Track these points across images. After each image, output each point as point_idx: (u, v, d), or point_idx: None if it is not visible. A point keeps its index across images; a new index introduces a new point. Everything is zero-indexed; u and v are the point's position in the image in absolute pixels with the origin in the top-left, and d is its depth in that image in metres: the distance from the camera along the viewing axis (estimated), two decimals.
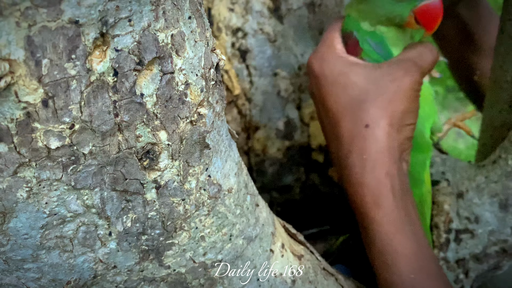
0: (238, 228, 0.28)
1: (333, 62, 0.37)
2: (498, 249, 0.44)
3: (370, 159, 0.33)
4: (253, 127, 0.52)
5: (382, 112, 0.34)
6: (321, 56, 0.38)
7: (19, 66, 0.17)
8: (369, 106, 0.34)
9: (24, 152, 0.19)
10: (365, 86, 0.35)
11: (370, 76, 0.36)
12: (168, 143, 0.22)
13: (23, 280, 0.26)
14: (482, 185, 0.44)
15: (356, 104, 0.35)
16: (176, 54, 0.21)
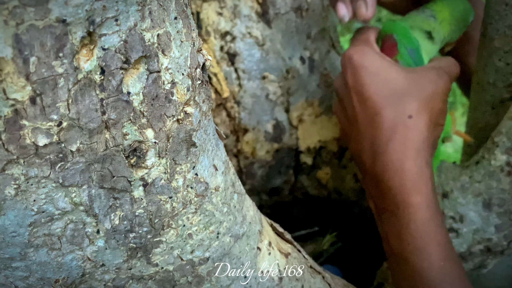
0: (226, 226, 0.28)
1: (373, 56, 0.40)
2: (483, 248, 0.45)
3: (412, 147, 0.36)
4: (242, 129, 0.52)
5: (424, 107, 0.37)
6: (361, 50, 0.40)
7: (7, 63, 0.17)
8: (412, 100, 0.37)
9: (12, 149, 0.19)
10: (405, 82, 0.39)
11: (408, 75, 0.39)
12: (155, 141, 0.23)
13: (11, 279, 0.26)
14: (466, 185, 0.44)
15: (398, 96, 0.38)
16: (162, 54, 0.21)
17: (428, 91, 0.38)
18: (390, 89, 0.38)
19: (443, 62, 0.42)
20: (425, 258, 0.34)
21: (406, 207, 0.35)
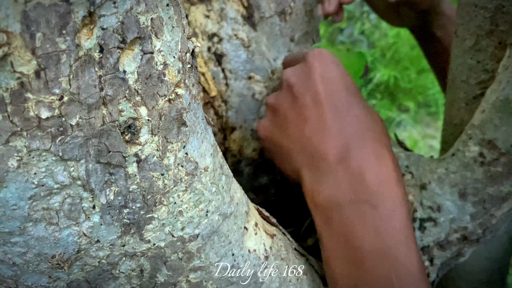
0: (214, 204, 0.30)
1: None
2: (459, 236, 0.47)
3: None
4: (229, 128, 0.54)
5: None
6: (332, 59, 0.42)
7: (15, 38, 0.19)
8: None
9: (17, 121, 0.21)
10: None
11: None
12: (148, 118, 0.24)
13: (10, 255, 0.27)
14: (442, 176, 0.47)
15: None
16: (155, 36, 0.23)
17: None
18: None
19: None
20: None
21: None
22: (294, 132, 0.38)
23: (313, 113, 0.37)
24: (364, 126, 0.37)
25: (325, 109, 0.37)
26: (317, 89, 0.38)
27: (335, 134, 0.36)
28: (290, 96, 0.39)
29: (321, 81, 0.38)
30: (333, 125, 0.36)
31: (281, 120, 0.40)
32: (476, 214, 0.46)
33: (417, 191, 0.47)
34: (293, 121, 0.38)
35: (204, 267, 0.30)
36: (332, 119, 0.36)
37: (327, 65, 0.39)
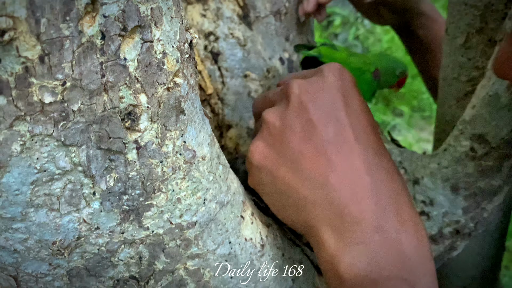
0: (211, 193, 0.31)
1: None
2: (452, 230, 0.48)
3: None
4: (225, 125, 0.55)
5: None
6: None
7: (21, 23, 0.20)
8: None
9: (21, 106, 0.22)
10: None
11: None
12: (147, 105, 0.25)
13: (11, 242, 0.28)
14: (435, 171, 0.48)
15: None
16: (155, 26, 0.24)
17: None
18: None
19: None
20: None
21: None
22: (313, 174, 0.30)
23: (341, 156, 0.30)
24: (397, 186, 0.31)
25: (356, 154, 0.30)
26: (343, 121, 0.31)
27: (371, 192, 0.29)
28: (302, 120, 0.31)
29: (347, 113, 0.31)
30: (368, 180, 0.29)
31: (289, 151, 0.31)
32: (468, 207, 0.47)
33: (410, 186, 0.48)
34: (310, 158, 0.30)
35: (202, 255, 0.31)
36: (366, 171, 0.30)
37: (351, 89, 0.32)
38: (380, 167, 0.31)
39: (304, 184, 0.30)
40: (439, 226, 0.47)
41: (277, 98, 0.34)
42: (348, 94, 0.32)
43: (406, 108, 2.40)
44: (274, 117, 0.32)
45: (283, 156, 0.31)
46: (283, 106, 0.32)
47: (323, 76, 0.32)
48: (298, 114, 0.31)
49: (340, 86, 0.32)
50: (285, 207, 0.32)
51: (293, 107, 0.31)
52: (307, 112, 0.31)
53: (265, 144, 0.32)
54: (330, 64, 0.33)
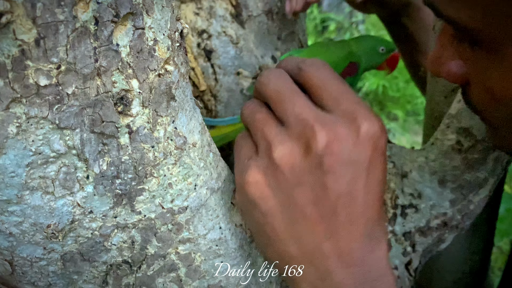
0: (202, 179, 0.32)
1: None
2: (440, 222, 0.49)
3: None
4: None
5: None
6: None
7: (18, 6, 0.21)
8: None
9: (17, 88, 0.23)
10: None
11: None
12: (139, 91, 0.26)
13: (7, 225, 0.28)
14: (422, 164, 0.49)
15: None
16: (146, 14, 0.25)
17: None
18: None
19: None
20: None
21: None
22: (308, 237, 0.29)
23: (342, 230, 0.29)
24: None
25: (356, 231, 0.29)
26: (357, 199, 0.29)
27: (357, 262, 0.29)
28: (317, 180, 0.28)
29: (365, 191, 0.29)
30: (358, 255, 0.29)
31: (291, 204, 0.29)
32: (455, 200, 0.48)
33: (399, 179, 0.49)
34: (310, 221, 0.29)
35: (193, 239, 0.32)
36: (360, 247, 0.29)
37: (380, 156, 0.29)
38: (373, 242, 0.30)
39: (295, 242, 0.29)
40: (427, 218, 0.48)
41: (291, 132, 0.29)
42: (374, 164, 0.29)
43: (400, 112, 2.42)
44: (286, 161, 0.29)
45: (282, 206, 0.29)
46: (298, 150, 0.29)
47: (357, 136, 0.28)
48: (314, 172, 0.28)
49: (370, 158, 0.29)
50: (266, 246, 0.31)
51: (312, 163, 0.28)
52: (324, 176, 0.28)
53: (267, 182, 0.29)
54: (371, 118, 0.29)
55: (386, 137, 0.29)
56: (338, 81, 0.30)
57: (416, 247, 0.50)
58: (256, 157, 0.30)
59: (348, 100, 0.29)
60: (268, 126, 0.30)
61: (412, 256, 0.50)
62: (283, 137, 0.29)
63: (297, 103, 0.29)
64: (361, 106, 0.29)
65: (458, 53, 0.31)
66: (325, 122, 0.28)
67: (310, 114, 0.29)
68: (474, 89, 0.31)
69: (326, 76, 0.30)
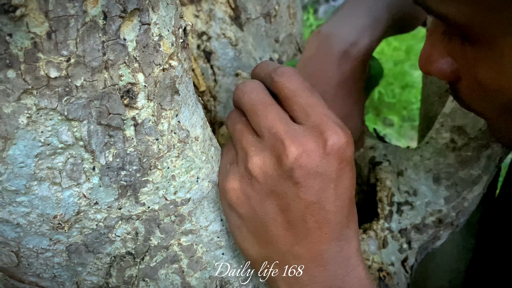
0: (204, 172, 0.32)
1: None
2: (435, 219, 0.50)
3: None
4: (218, 122, 0.57)
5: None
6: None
7: (31, 1, 0.22)
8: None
9: (28, 79, 0.24)
10: None
11: None
12: (144, 84, 0.27)
13: (14, 215, 0.29)
14: (418, 163, 0.50)
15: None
16: (152, 10, 0.26)
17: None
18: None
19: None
20: None
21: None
22: (279, 241, 0.32)
23: (311, 236, 0.31)
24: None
25: (324, 238, 0.31)
26: (325, 208, 0.31)
27: (326, 262, 0.32)
28: (287, 190, 0.31)
29: (334, 199, 0.31)
30: (327, 256, 0.32)
31: (263, 211, 0.31)
32: (449, 197, 0.49)
33: (394, 177, 0.50)
34: (280, 227, 0.31)
35: (195, 231, 0.33)
36: (327, 248, 0.32)
37: (347, 165, 0.31)
38: (342, 243, 0.32)
39: (268, 244, 0.32)
40: (423, 215, 0.49)
41: (265, 144, 0.31)
42: (341, 174, 0.31)
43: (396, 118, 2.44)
44: (260, 172, 0.31)
45: (255, 212, 0.32)
46: (271, 161, 0.31)
47: (325, 149, 0.30)
48: (285, 183, 0.30)
49: (337, 169, 0.31)
50: (242, 245, 0.33)
51: (283, 174, 0.30)
52: (294, 187, 0.30)
53: (242, 189, 0.32)
54: (337, 131, 0.30)
55: (352, 148, 0.31)
56: (308, 92, 0.32)
57: (412, 244, 0.51)
58: (235, 165, 0.33)
59: (316, 112, 0.31)
60: (245, 137, 0.32)
61: (408, 253, 0.51)
62: (257, 149, 0.31)
63: (269, 115, 0.31)
64: (328, 118, 0.31)
65: (447, 51, 0.32)
66: (295, 136, 0.30)
67: (281, 128, 0.31)
68: (464, 84, 0.32)
69: (297, 87, 0.32)
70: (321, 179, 0.30)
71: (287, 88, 0.32)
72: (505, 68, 0.28)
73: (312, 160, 0.30)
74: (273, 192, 0.31)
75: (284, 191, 0.30)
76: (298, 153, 0.30)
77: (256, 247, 0.32)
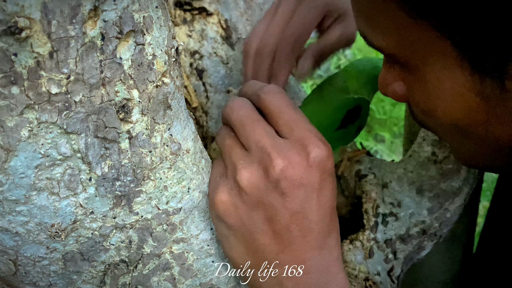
0: (195, 183, 0.34)
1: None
2: (419, 230, 0.52)
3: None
4: (209, 137, 0.59)
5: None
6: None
7: (36, 23, 0.24)
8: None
9: (31, 95, 0.26)
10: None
11: None
12: (139, 100, 0.29)
13: (14, 224, 0.31)
14: (402, 175, 0.52)
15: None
16: (146, 31, 0.28)
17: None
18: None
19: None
20: None
21: None
22: (264, 250, 0.34)
23: (296, 244, 0.33)
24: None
25: (308, 246, 0.33)
26: (309, 218, 0.33)
27: (310, 270, 0.34)
28: (274, 201, 0.32)
29: (317, 209, 0.33)
30: (311, 263, 0.34)
31: (251, 221, 0.33)
32: (432, 208, 0.51)
33: (379, 189, 0.52)
34: (267, 236, 0.33)
35: (186, 239, 0.34)
36: (311, 256, 0.34)
37: (328, 177, 0.34)
38: (324, 251, 0.34)
39: (255, 252, 0.34)
40: (407, 226, 0.51)
41: (252, 158, 0.33)
42: (323, 184, 0.33)
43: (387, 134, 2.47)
44: (248, 184, 0.33)
45: (243, 222, 0.33)
46: (258, 174, 0.33)
47: (308, 162, 0.32)
48: (271, 194, 0.32)
49: (319, 180, 0.33)
50: (230, 253, 0.35)
51: (270, 185, 0.32)
52: (280, 197, 0.32)
53: (231, 201, 0.33)
54: (319, 144, 0.33)
55: (332, 160, 0.34)
56: (292, 109, 0.34)
57: (398, 254, 0.52)
58: (224, 177, 0.34)
59: (300, 128, 0.33)
60: (234, 152, 0.34)
61: (394, 263, 0.52)
62: (246, 162, 0.33)
63: (257, 130, 0.33)
64: (311, 133, 0.33)
65: (399, 75, 0.35)
66: (280, 149, 0.32)
67: (267, 142, 0.33)
68: (411, 106, 0.36)
69: (282, 104, 0.34)
70: (305, 189, 0.32)
71: (273, 104, 0.35)
72: (430, 92, 0.31)
73: (297, 172, 0.32)
74: (260, 202, 0.33)
75: (270, 202, 0.32)
76: (284, 165, 0.32)
77: (244, 256, 0.34)
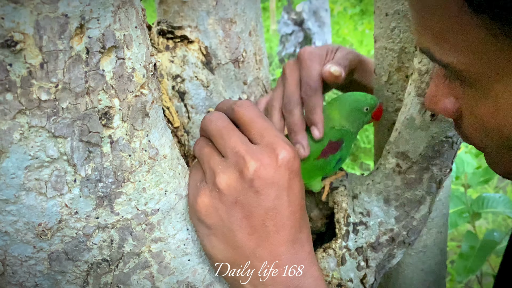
0: (172, 186, 0.37)
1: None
2: (388, 238, 0.55)
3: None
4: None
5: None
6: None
7: (29, 38, 0.27)
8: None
9: (23, 101, 0.29)
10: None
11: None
12: (119, 108, 0.33)
13: (3, 224, 0.33)
14: (370, 186, 0.56)
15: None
16: (126, 48, 0.32)
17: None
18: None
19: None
20: None
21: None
22: (244, 245, 0.37)
23: (271, 238, 0.37)
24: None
25: (282, 239, 0.37)
26: (281, 212, 0.37)
27: (286, 262, 0.38)
28: (249, 199, 0.36)
29: (288, 203, 0.37)
30: (285, 257, 0.38)
31: (230, 220, 0.37)
32: (399, 216, 0.54)
33: (350, 200, 0.56)
34: (245, 232, 0.37)
35: (164, 238, 0.37)
36: (286, 250, 0.38)
37: (295, 175, 0.38)
38: (297, 245, 0.38)
39: (234, 249, 0.37)
40: (376, 234, 0.54)
41: (229, 162, 0.37)
42: (292, 182, 0.37)
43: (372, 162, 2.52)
44: (226, 186, 0.36)
45: (223, 221, 0.37)
46: (235, 176, 0.37)
47: (277, 162, 0.37)
48: (247, 193, 0.36)
49: (288, 178, 0.37)
50: (210, 252, 0.38)
51: (245, 185, 0.36)
52: (255, 195, 0.36)
53: (211, 203, 0.37)
54: (286, 147, 0.37)
55: (298, 161, 0.38)
56: (262, 119, 0.39)
57: (369, 262, 0.55)
58: (204, 182, 0.38)
59: (269, 134, 0.38)
60: (212, 159, 0.38)
61: (366, 271, 0.55)
62: (223, 167, 0.37)
63: (232, 138, 0.38)
64: (279, 138, 0.38)
65: (450, 91, 0.36)
66: (253, 153, 0.37)
67: (242, 147, 0.37)
68: (466, 121, 0.35)
69: (254, 115, 0.39)
70: (276, 187, 0.36)
71: (246, 115, 0.39)
72: (500, 107, 0.31)
73: (268, 172, 0.36)
74: (238, 201, 0.36)
75: (247, 200, 0.36)
76: (257, 166, 0.36)
77: (224, 252, 0.37)
